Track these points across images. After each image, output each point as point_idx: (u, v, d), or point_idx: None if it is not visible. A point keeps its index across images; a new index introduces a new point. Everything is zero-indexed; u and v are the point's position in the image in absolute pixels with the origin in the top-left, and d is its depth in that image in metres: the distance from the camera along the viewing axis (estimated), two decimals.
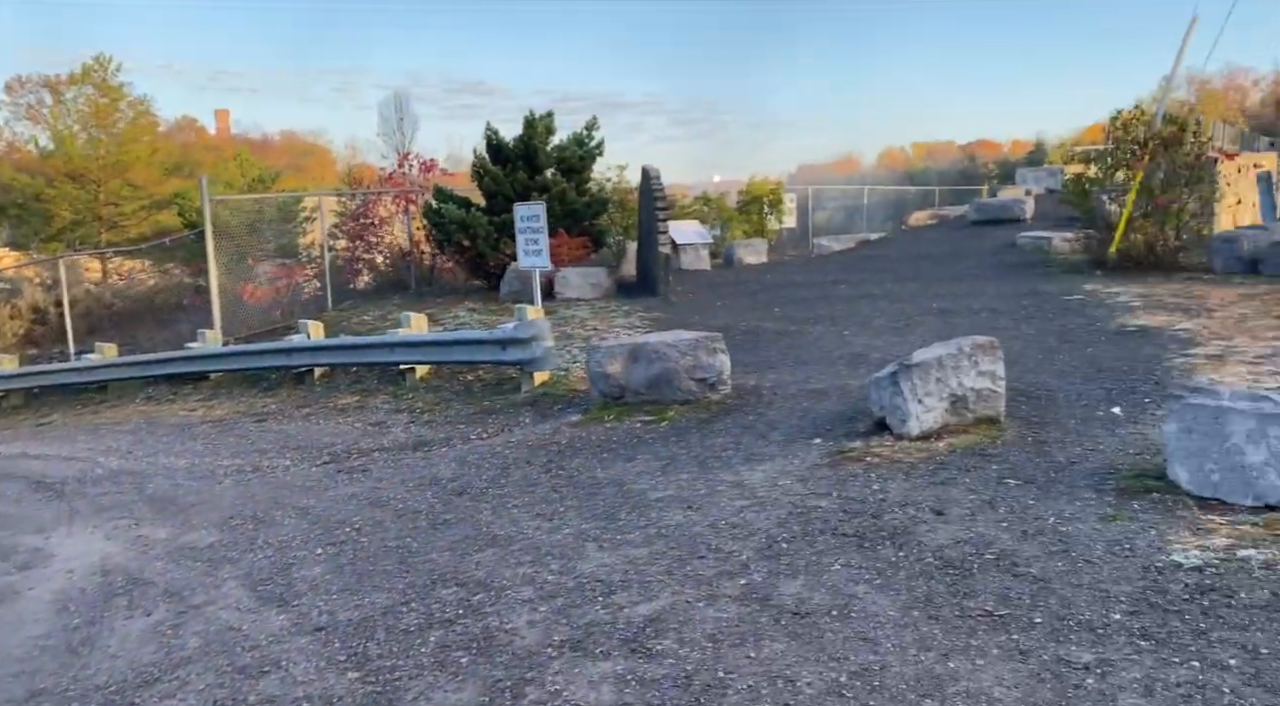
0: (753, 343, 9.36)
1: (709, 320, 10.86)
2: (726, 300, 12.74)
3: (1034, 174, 27.18)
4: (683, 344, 6.90)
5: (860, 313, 10.80)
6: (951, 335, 9.29)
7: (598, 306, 12.28)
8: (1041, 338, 8.45)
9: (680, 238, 17.10)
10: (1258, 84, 60.95)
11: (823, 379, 7.42)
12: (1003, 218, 19.96)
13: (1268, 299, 9.55)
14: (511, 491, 5.41)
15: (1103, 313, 9.46)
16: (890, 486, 4.58)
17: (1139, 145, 13.14)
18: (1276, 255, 11.43)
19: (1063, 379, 6.73)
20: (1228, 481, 3.84)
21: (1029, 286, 11.90)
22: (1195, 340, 7.72)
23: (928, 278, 13.77)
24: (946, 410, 5.50)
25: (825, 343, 9.09)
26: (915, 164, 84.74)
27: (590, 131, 14.89)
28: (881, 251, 18.57)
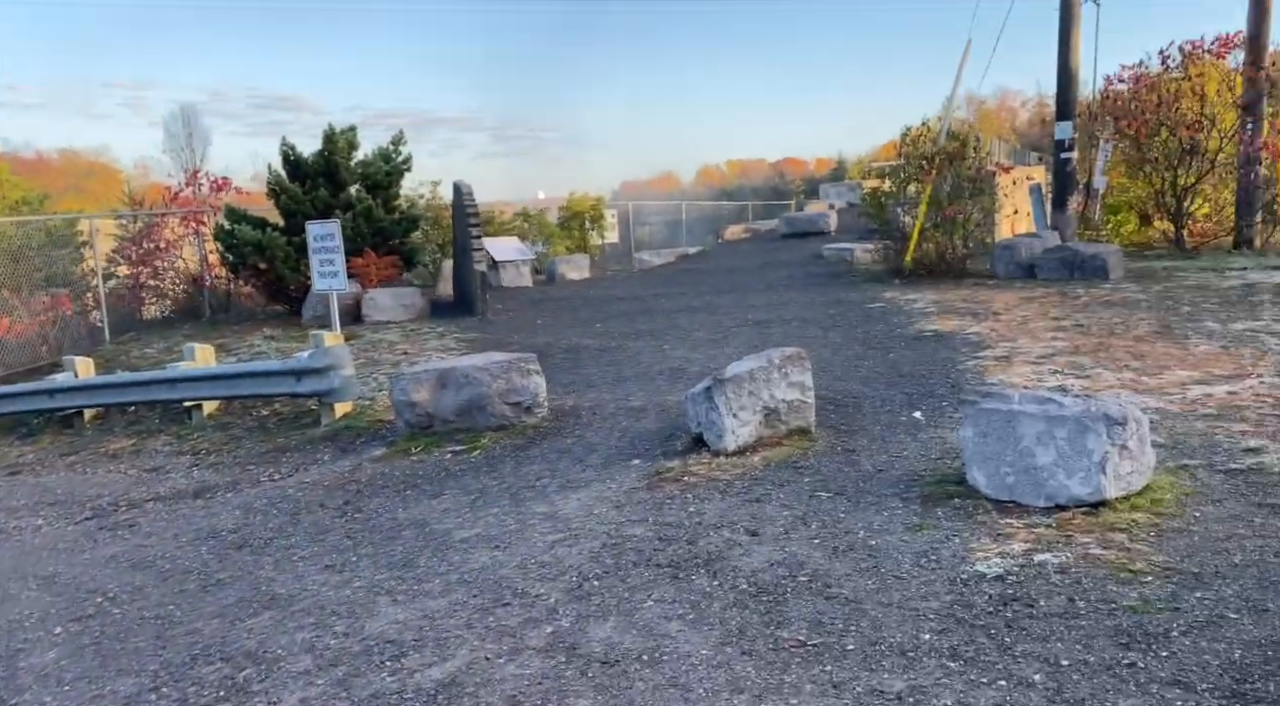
0: (573, 360, 9.12)
1: (529, 339, 10.54)
2: (548, 317, 12.46)
3: (836, 189, 28.74)
4: (495, 367, 6.54)
5: (680, 325, 10.81)
6: (766, 345, 9.44)
7: (410, 329, 11.67)
8: (847, 344, 8.70)
9: (499, 254, 16.68)
10: (1025, 105, 67.67)
11: (642, 395, 7.27)
12: (810, 231, 20.86)
13: (1044, 301, 10.32)
14: (299, 541, 4.85)
15: (901, 319, 9.90)
16: (707, 507, 4.43)
17: (927, 160, 14.02)
18: (1049, 261, 12.44)
19: (868, 385, 6.90)
20: (1021, 483, 3.93)
21: (835, 295, 12.36)
22: (984, 343, 8.16)
23: (743, 289, 14.07)
24: (761, 423, 5.45)
25: (645, 357, 8.98)
26: (730, 180, 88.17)
27: (397, 146, 14.23)
28: (700, 265, 18.91)
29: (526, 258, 17.15)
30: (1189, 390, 5.86)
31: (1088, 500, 3.77)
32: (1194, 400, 5.59)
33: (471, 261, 11.93)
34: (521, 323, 11.98)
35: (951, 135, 14.39)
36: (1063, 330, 8.43)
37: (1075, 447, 3.77)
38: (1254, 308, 8.87)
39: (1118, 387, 6.13)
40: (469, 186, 12.28)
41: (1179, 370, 6.52)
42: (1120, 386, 6.17)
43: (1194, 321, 8.38)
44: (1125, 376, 6.44)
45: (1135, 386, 6.13)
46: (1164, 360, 6.90)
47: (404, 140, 14.34)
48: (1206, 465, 4.26)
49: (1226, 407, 5.35)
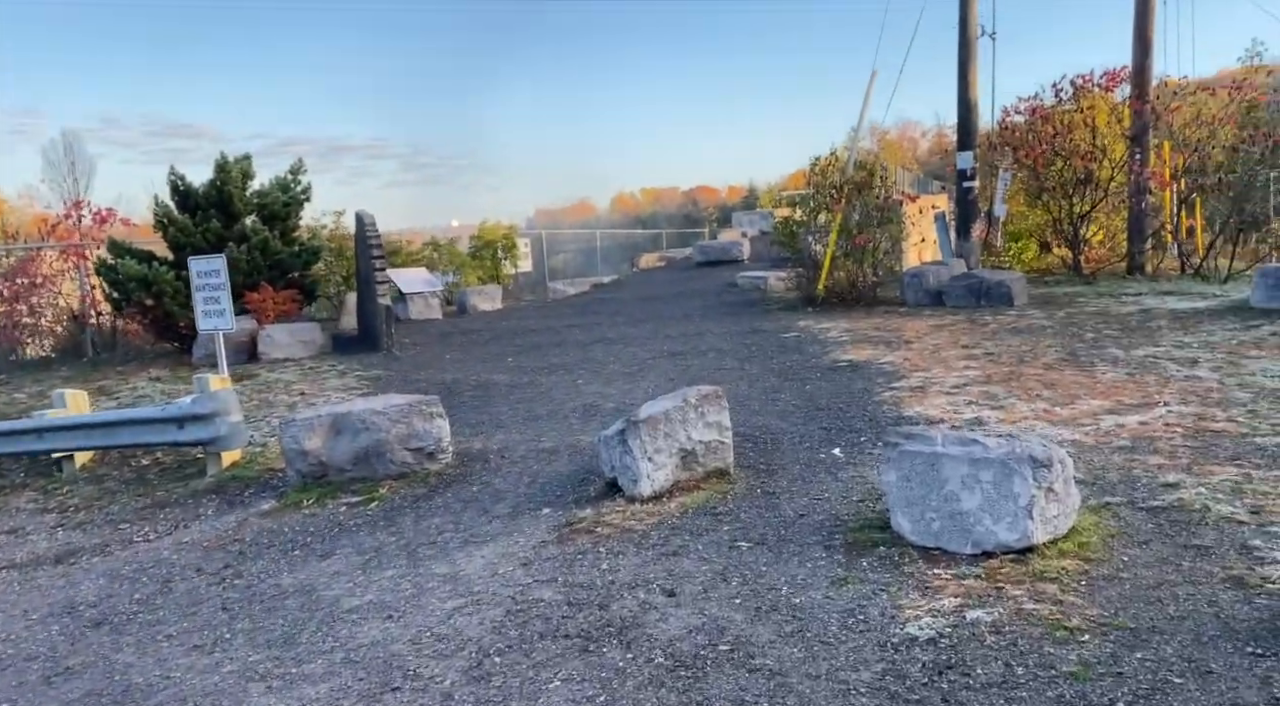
0: (482, 398, 8.72)
1: (436, 375, 10.09)
2: (457, 351, 12.01)
3: (748, 217, 29.03)
4: (394, 410, 6.12)
5: (594, 358, 10.52)
6: (682, 378, 9.25)
7: (309, 367, 11.06)
8: (764, 377, 8.56)
9: (407, 286, 16.14)
10: (925, 135, 70.30)
11: (555, 435, 6.94)
12: (723, 259, 20.92)
13: (954, 329, 10.42)
14: (168, 614, 4.34)
15: (817, 348, 9.84)
16: (621, 563, 4.13)
17: (836, 190, 14.17)
18: (956, 288, 12.65)
19: (786, 420, 6.73)
20: (947, 530, 3.75)
21: (750, 325, 12.28)
22: (899, 373, 8.12)
23: (659, 319, 13.89)
24: (677, 466, 5.19)
25: (558, 393, 8.66)
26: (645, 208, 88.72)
27: (296, 175, 13.63)
28: (615, 294, 18.70)
29: (435, 289, 16.64)
30: (1101, 421, 5.86)
31: (1015, 547, 3.61)
32: (1108, 431, 5.57)
33: (375, 294, 11.42)
34: (429, 358, 11.50)
35: (859, 165, 14.60)
36: (974, 359, 8.47)
37: (1001, 491, 3.62)
38: (1153, 334, 9.10)
39: (1032, 419, 6.11)
40: (371, 216, 11.80)
41: (1090, 399, 6.55)
42: (1034, 417, 6.15)
43: (1098, 348, 8.53)
44: (1038, 407, 6.43)
45: (1049, 417, 6.11)
46: (1074, 389, 6.94)
47: (303, 169, 13.75)
48: (1128, 503, 4.18)
49: (1140, 439, 5.35)
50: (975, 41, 16.68)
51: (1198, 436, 5.32)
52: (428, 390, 9.19)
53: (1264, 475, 4.45)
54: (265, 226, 12.63)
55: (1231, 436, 5.25)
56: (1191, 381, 6.93)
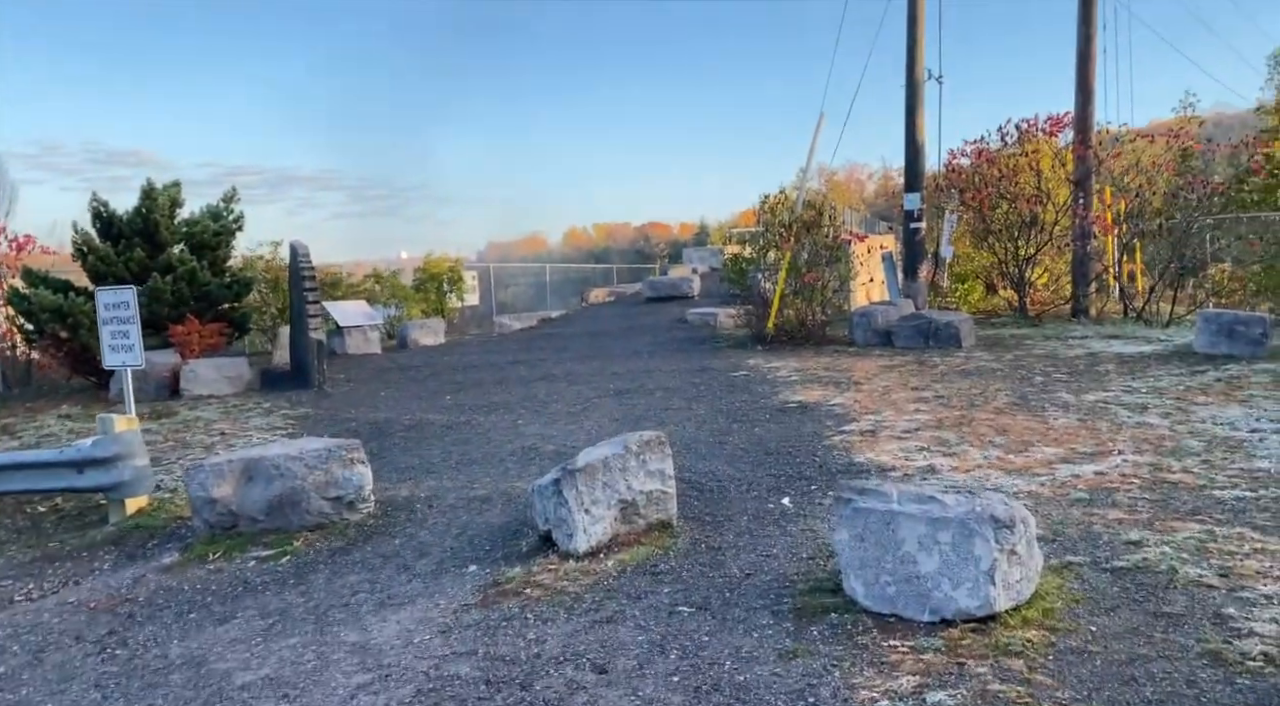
0: (415, 440, 8.27)
1: (368, 414, 9.60)
2: (393, 389, 11.52)
3: (699, 253, 29.03)
4: (311, 456, 5.67)
5: (537, 396, 10.14)
6: (628, 419, 8.91)
7: (233, 404, 10.48)
8: (712, 418, 8.27)
9: (345, 319, 15.60)
10: (871, 177, 71.78)
11: (489, 482, 6.53)
12: (673, 295, 20.74)
13: (903, 370, 10.28)
14: (33, 694, 3.83)
15: (766, 388, 9.60)
16: (550, 632, 3.74)
17: (786, 228, 14.09)
18: (905, 328, 12.57)
19: (733, 465, 6.42)
20: (904, 595, 3.46)
21: (699, 363, 12.02)
22: (849, 416, 7.90)
23: (606, 355, 13.57)
24: (616, 518, 4.84)
25: (497, 435, 8.25)
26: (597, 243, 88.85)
27: (229, 203, 13.10)
28: (562, 329, 18.35)
29: (375, 322, 16.11)
30: (1057, 470, 5.66)
31: (976, 614, 3.33)
32: (1064, 482, 5.37)
33: (307, 328, 10.92)
34: (363, 395, 11.00)
35: (807, 204, 14.56)
36: (924, 402, 8.29)
37: (961, 554, 3.33)
38: (1101, 378, 9.04)
39: (986, 467, 5.89)
40: (305, 247, 11.32)
41: (1043, 446, 6.37)
42: (988, 465, 5.93)
43: (1048, 393, 8.42)
44: (992, 454, 6.23)
45: (1003, 466, 5.90)
46: (1026, 435, 6.77)
47: (236, 197, 13.23)
48: (1091, 563, 3.94)
49: (1097, 490, 5.15)
50: (922, 85, 16.88)
51: (1155, 488, 5.14)
52: (357, 430, 8.71)
53: (1227, 532, 4.25)
54: (194, 256, 12.07)
55: (1189, 488, 5.08)
56: (1143, 428, 6.80)
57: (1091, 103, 15.46)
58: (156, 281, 11.20)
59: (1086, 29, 15.70)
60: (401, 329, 17.19)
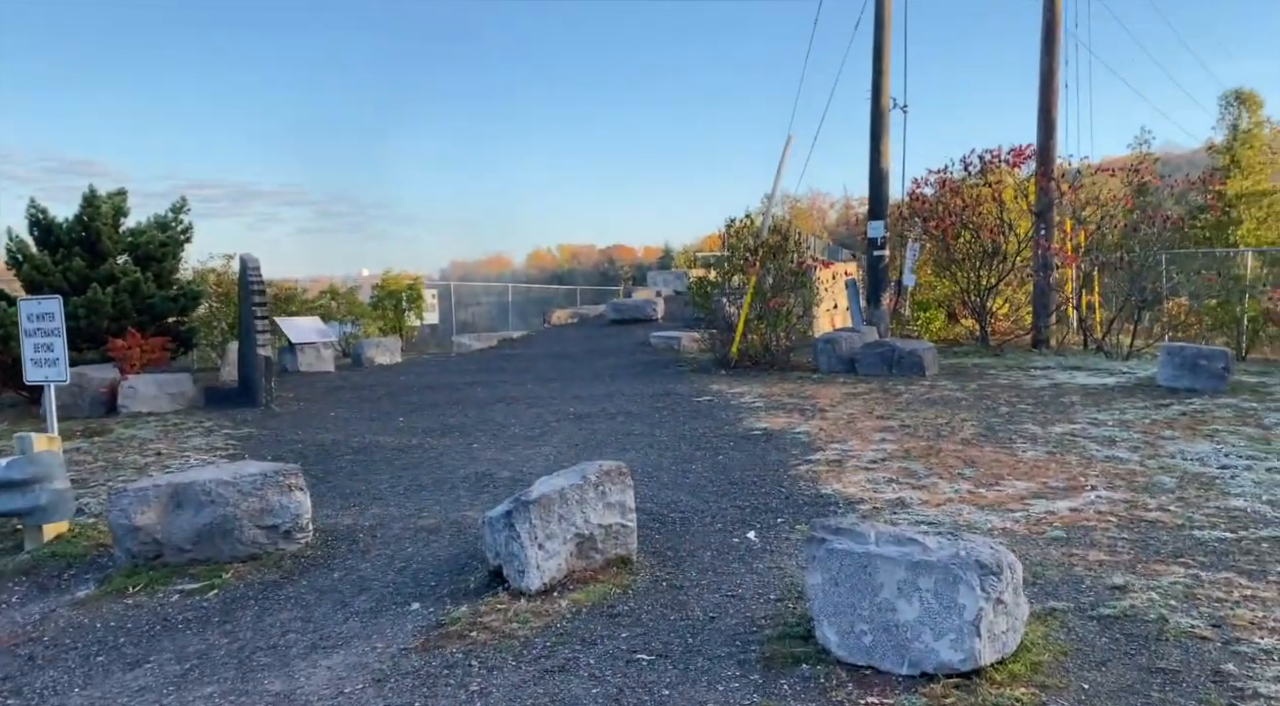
0: (363, 464, 7.87)
1: (315, 435, 9.18)
2: (344, 409, 11.08)
3: (663, 276, 28.87)
4: (246, 481, 5.28)
5: (494, 419, 9.79)
6: (588, 444, 8.61)
7: (173, 423, 9.97)
8: (675, 444, 8.00)
9: (297, 336, 15.10)
10: (833, 206, 72.75)
11: (438, 510, 6.18)
12: (637, 317, 20.52)
13: (868, 398, 10.11)
14: None
15: (730, 415, 9.36)
16: (495, 682, 3.42)
17: (751, 252, 13.95)
18: (869, 356, 12.44)
19: (697, 495, 6.15)
20: (881, 645, 3.19)
21: (662, 387, 11.77)
22: (814, 444, 7.68)
23: (567, 377, 13.26)
24: (573, 554, 4.53)
25: (450, 459, 7.89)
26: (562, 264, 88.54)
27: (178, 213, 12.61)
28: (523, 350, 18.01)
29: (329, 339, 15.63)
30: (1031, 506, 5.47)
31: (960, 668, 3.07)
32: (1039, 519, 5.17)
33: (255, 344, 10.46)
34: (311, 415, 10.55)
35: (773, 229, 14.45)
36: (890, 431, 8.10)
37: (944, 602, 3.08)
38: (1067, 410, 8.94)
39: (957, 501, 5.68)
40: (255, 260, 10.89)
41: (1014, 480, 6.19)
42: (959, 500, 5.73)
43: (1015, 424, 8.29)
44: (962, 487, 6.03)
45: (975, 500, 5.69)
46: (996, 468, 6.59)
47: (186, 207, 12.75)
48: (1075, 609, 3.71)
49: (1074, 528, 4.95)
50: (888, 113, 16.94)
51: (1133, 527, 4.96)
52: (303, 452, 8.30)
53: (1213, 577, 4.07)
54: (138, 267, 11.55)
55: (1168, 528, 4.90)
56: (1114, 462, 6.66)
57: (1054, 135, 15.61)
58: (96, 293, 10.68)
59: (1049, 62, 15.89)
60: (357, 347, 16.72)
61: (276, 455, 8.21)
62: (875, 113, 16.96)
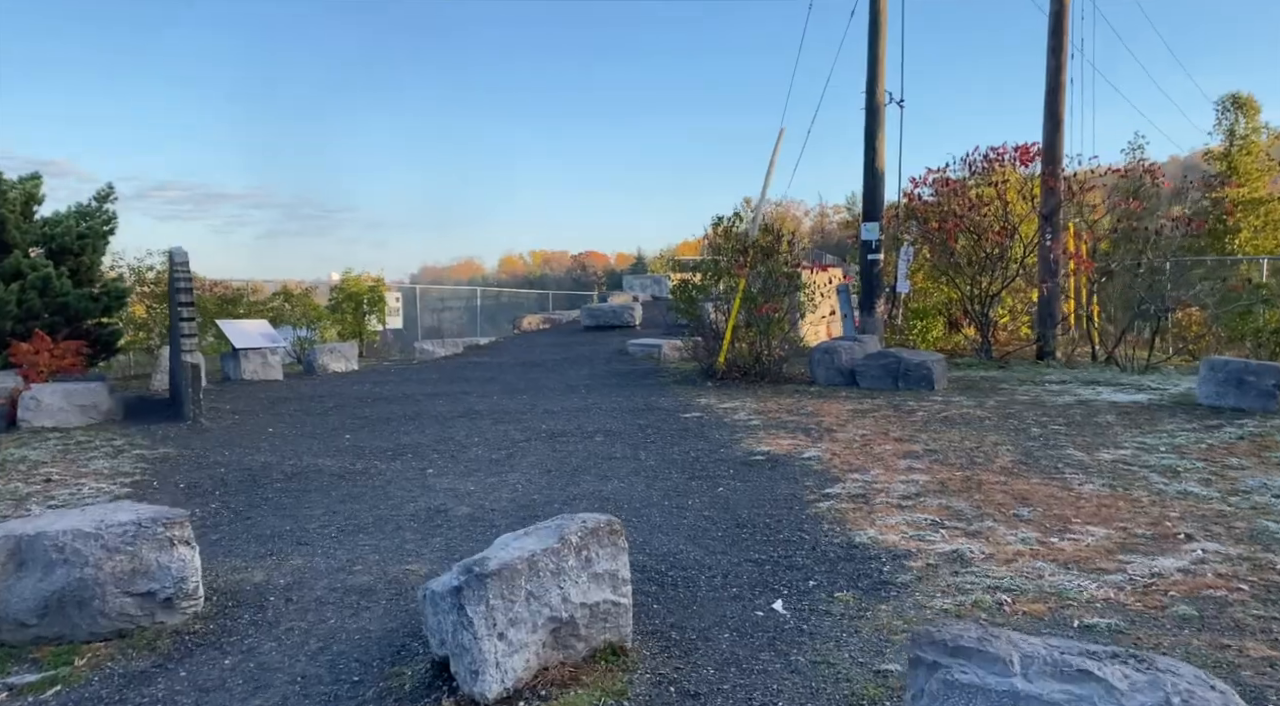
0: (294, 494, 6.59)
1: (244, 456, 7.87)
2: (285, 423, 9.76)
3: (640, 281, 27.69)
4: (113, 532, 4.00)
5: (455, 438, 8.54)
6: (562, 469, 7.39)
7: (79, 441, 8.59)
8: (665, 471, 6.81)
9: (241, 340, 13.72)
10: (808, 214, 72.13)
11: (375, 561, 4.93)
12: (614, 323, 19.31)
13: (878, 416, 8.99)
14: None
15: (724, 434, 8.20)
16: None
17: (740, 252, 12.82)
18: (872, 368, 11.35)
19: (699, 543, 4.96)
20: None
21: (645, 400, 10.58)
22: (830, 474, 6.52)
23: (539, 389, 12.03)
24: (545, 643, 3.31)
25: (399, 488, 6.64)
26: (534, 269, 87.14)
27: (102, 203, 11.23)
28: (491, 358, 16.72)
29: (277, 344, 14.26)
30: (1126, 564, 4.34)
31: None
32: (1147, 586, 4.04)
33: (181, 350, 9.12)
34: (246, 431, 9.22)
35: (764, 228, 13.33)
36: (915, 457, 6.98)
37: None
38: (1105, 432, 7.87)
39: (1029, 556, 4.54)
40: (184, 254, 9.53)
41: (1086, 525, 5.06)
42: (1030, 554, 4.59)
43: (1055, 448, 7.19)
44: (1027, 534, 4.89)
45: (1050, 554, 4.56)
46: (1055, 506, 5.47)
47: (113, 196, 11.37)
48: None
49: (1201, 600, 3.82)
50: (883, 108, 15.93)
51: (1275, 596, 3.84)
52: (224, 478, 7.00)
53: None
54: (50, 262, 10.15)
55: None
56: (1192, 500, 5.57)
57: (1060, 132, 14.66)
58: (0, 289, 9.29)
59: (1056, 59, 14.95)
60: (309, 353, 15.34)
61: (191, 482, 6.90)
62: (870, 108, 15.95)
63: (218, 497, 6.49)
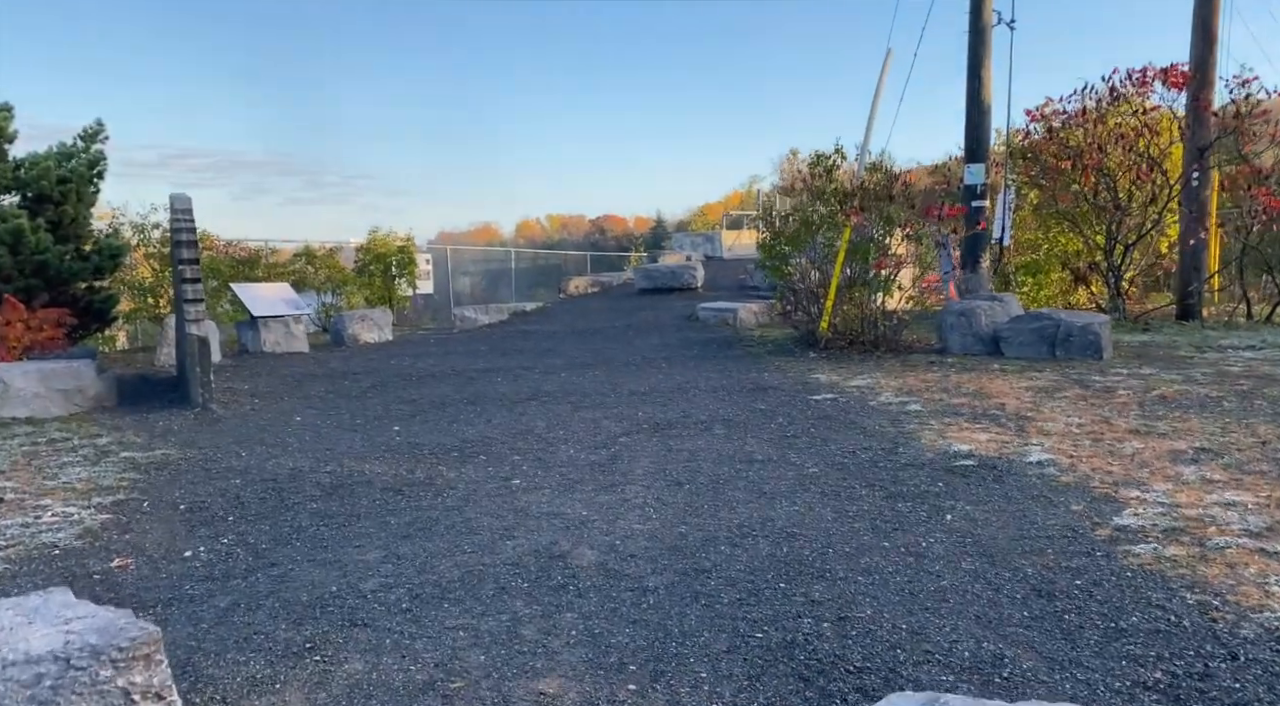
0: (338, 521, 4.73)
1: (267, 459, 6.02)
2: (316, 410, 7.92)
3: (690, 239, 25.60)
4: (20, 677, 2.12)
5: (532, 430, 6.67)
6: (693, 480, 5.39)
7: (56, 436, 6.75)
8: (841, 483, 4.89)
9: (259, 308, 11.88)
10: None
11: (480, 674, 3.06)
12: (672, 285, 17.33)
13: (1072, 397, 7.00)
14: None
15: (884, 424, 6.27)
16: None
17: (847, 195, 10.78)
18: (1021, 333, 9.33)
19: (1011, 639, 3.04)
20: None
21: (746, 376, 8.66)
22: (1091, 489, 4.57)
23: (611, 363, 10.12)
24: None
25: (481, 510, 4.77)
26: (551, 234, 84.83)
27: (89, 143, 9.31)
28: (542, 326, 14.81)
29: (301, 312, 12.41)
30: None
31: None
32: None
33: (185, 319, 7.25)
34: (267, 420, 7.37)
35: (871, 166, 11.27)
36: (1192, 462, 5.00)
37: None
38: None
39: None
40: (186, 200, 7.59)
41: None
42: None
43: None
44: None
45: None
46: None
47: (103, 134, 9.43)
48: None
49: None
50: (989, 29, 13.70)
51: None
52: (239, 495, 5.14)
53: None
54: (24, 211, 8.27)
55: None
56: None
57: (1214, 49, 12.40)
58: None
59: None
60: (336, 321, 13.48)
61: (195, 502, 5.04)
62: (974, 30, 13.72)
63: (231, 526, 4.64)
